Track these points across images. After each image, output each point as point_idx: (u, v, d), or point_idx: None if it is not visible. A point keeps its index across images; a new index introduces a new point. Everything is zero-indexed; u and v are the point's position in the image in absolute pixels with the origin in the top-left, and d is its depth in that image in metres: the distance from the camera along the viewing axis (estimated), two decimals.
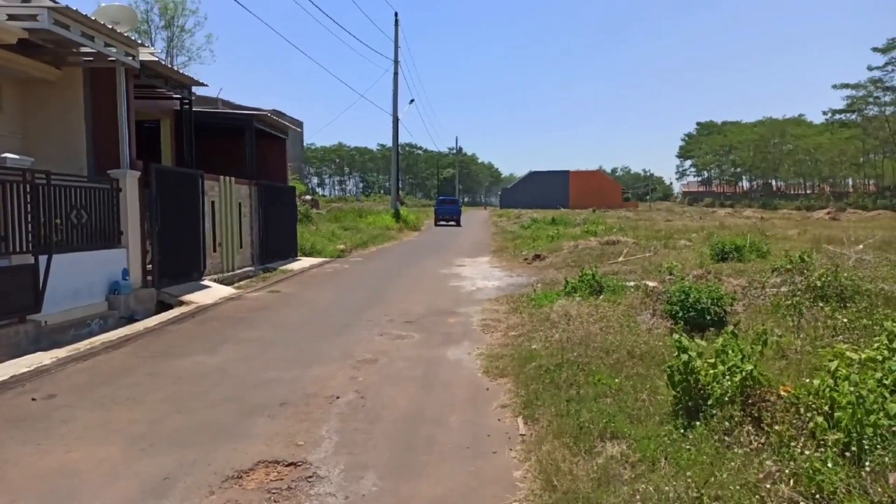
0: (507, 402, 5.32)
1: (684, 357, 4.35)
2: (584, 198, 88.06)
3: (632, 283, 10.13)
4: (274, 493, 3.77)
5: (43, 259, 8.08)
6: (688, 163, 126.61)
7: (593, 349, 6.16)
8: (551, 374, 5.62)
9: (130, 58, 10.13)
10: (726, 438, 4.01)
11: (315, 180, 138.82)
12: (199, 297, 10.99)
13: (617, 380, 5.17)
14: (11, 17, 7.96)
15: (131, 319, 9.86)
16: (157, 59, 11.04)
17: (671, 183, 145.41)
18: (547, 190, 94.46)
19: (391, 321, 9.11)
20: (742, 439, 4.00)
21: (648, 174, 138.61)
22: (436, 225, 41.87)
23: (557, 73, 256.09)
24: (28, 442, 4.52)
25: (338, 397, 5.57)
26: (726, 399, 4.25)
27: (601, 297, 9.44)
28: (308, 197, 41.13)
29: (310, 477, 3.98)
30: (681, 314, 6.96)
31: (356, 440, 4.56)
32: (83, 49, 9.67)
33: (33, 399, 5.49)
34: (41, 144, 10.44)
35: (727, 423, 4.10)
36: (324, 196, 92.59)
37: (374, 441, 4.54)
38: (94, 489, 3.76)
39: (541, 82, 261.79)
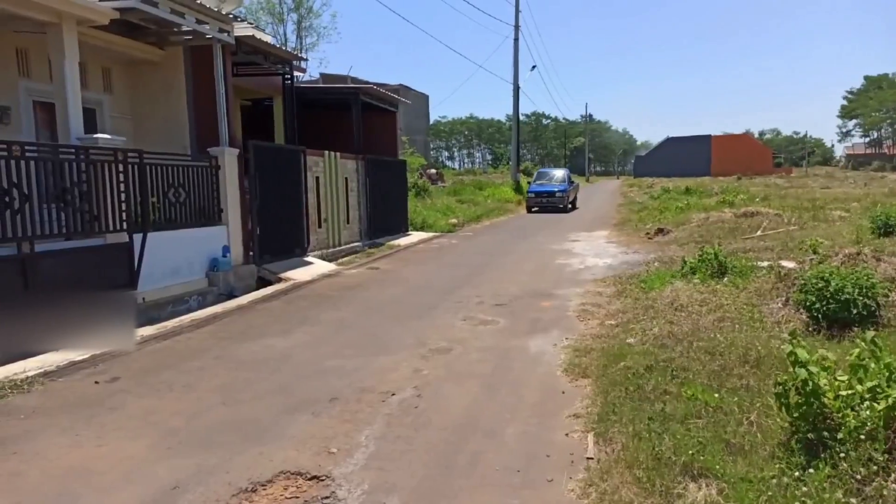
0: (580, 412, 4.47)
1: (802, 373, 3.28)
2: (729, 164, 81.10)
3: (765, 264, 8.67)
4: None
5: (138, 237, 8.25)
6: (852, 123, 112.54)
7: (696, 349, 5.10)
8: (638, 379, 4.68)
9: (225, 34, 10.11)
10: (862, 489, 2.96)
11: (445, 153, 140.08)
12: (297, 274, 10.97)
13: (717, 394, 4.13)
14: None
15: (231, 296, 9.99)
16: (252, 34, 10.98)
17: (832, 146, 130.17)
18: (685, 157, 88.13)
19: (480, 303, 8.43)
20: (886, 492, 2.93)
21: (804, 136, 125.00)
22: (528, 212, 27.29)
23: (697, 28, 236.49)
24: (68, 431, 4.39)
25: (393, 394, 5.01)
26: (864, 433, 3.16)
27: (724, 279, 8.14)
28: (432, 171, 41.22)
29: (326, 497, 3.45)
30: (817, 306, 5.64)
31: (393, 452, 3.97)
32: (183, 28, 9.77)
33: (96, 382, 5.46)
34: (148, 124, 10.81)
35: (863, 468, 3.03)
36: (453, 169, 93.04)
37: (412, 455, 3.92)
38: (96, 497, 3.48)
39: (679, 38, 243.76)
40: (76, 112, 7.87)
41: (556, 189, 27.20)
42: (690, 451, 3.43)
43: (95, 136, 7.99)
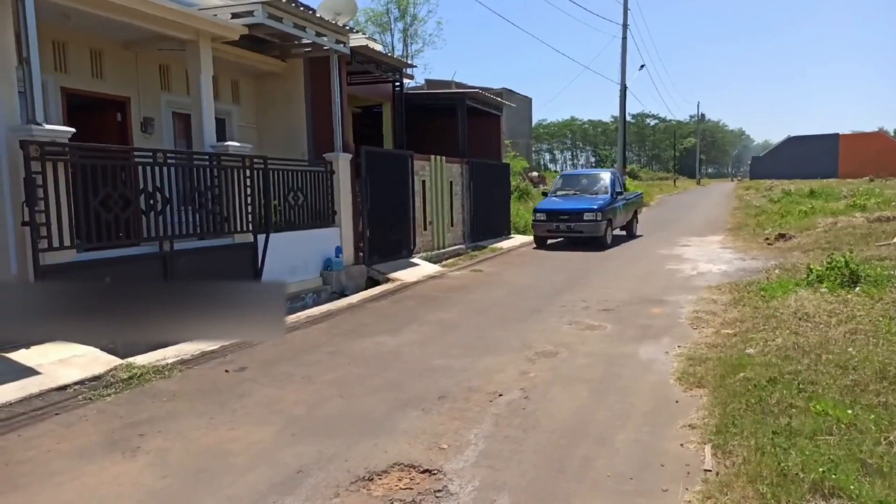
0: (696, 422, 4.32)
1: None
2: (859, 165, 74.38)
3: None
4: None
5: (261, 238, 8.83)
6: None
7: (826, 362, 4.78)
8: (760, 391, 4.45)
9: (341, 45, 10.60)
10: None
11: (547, 156, 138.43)
12: (404, 275, 11.29)
13: (851, 410, 3.86)
14: (234, 16, 8.74)
15: (342, 294, 10.45)
16: (366, 44, 11.44)
17: None
18: (809, 157, 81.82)
19: (586, 308, 8.32)
20: None
21: None
22: (536, 245, 16.03)
23: (822, 14, 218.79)
24: (204, 414, 4.79)
25: (500, 395, 5.07)
26: None
27: (856, 289, 7.55)
28: (534, 173, 40.88)
29: (439, 491, 3.56)
30: None
31: (502, 451, 4.02)
32: (303, 41, 10.35)
33: (226, 371, 5.92)
34: (271, 132, 11.53)
35: None
36: (555, 172, 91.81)
37: (522, 455, 3.96)
38: (232, 476, 3.77)
39: (802, 28, 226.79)
40: (210, 122, 8.55)
41: (584, 206, 15.25)
42: (821, 469, 3.23)
43: (226, 143, 8.66)
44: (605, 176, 17.16)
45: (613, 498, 3.43)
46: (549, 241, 16.01)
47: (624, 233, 17.57)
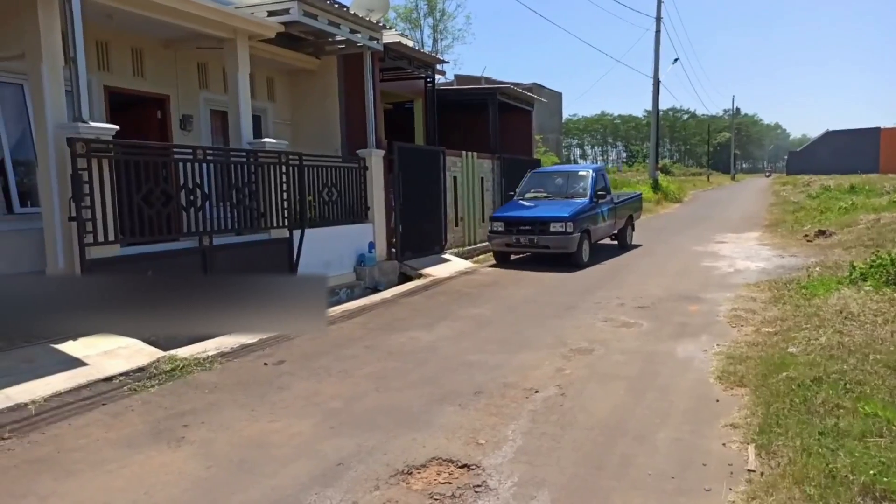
0: (738, 422, 4.26)
1: None
2: None
3: None
4: (436, 500, 3.45)
5: (296, 233, 8.94)
6: None
7: (874, 362, 4.66)
8: (805, 391, 4.36)
9: (375, 42, 10.65)
10: None
11: (577, 151, 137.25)
12: (436, 271, 11.33)
13: None
14: (271, 14, 8.84)
15: (375, 289, 10.53)
16: (399, 40, 11.46)
17: None
18: (848, 152, 79.24)
19: (621, 305, 8.24)
20: None
21: None
22: (496, 261, 12.65)
23: (862, 4, 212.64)
24: (245, 406, 4.88)
25: (536, 391, 5.06)
26: None
27: None
28: None
29: (478, 486, 3.57)
30: None
31: (540, 447, 4.02)
32: (337, 38, 10.42)
33: (265, 364, 6.01)
34: (305, 129, 11.65)
35: None
36: None
37: (560, 452, 3.95)
38: (274, 467, 3.84)
39: (842, 20, 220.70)
40: (247, 119, 8.68)
41: (551, 214, 11.99)
42: (871, 472, 3.16)
43: (263, 140, 8.77)
44: (585, 175, 13.49)
45: (655, 496, 3.40)
46: (513, 258, 12.86)
47: (616, 239, 14.53)
